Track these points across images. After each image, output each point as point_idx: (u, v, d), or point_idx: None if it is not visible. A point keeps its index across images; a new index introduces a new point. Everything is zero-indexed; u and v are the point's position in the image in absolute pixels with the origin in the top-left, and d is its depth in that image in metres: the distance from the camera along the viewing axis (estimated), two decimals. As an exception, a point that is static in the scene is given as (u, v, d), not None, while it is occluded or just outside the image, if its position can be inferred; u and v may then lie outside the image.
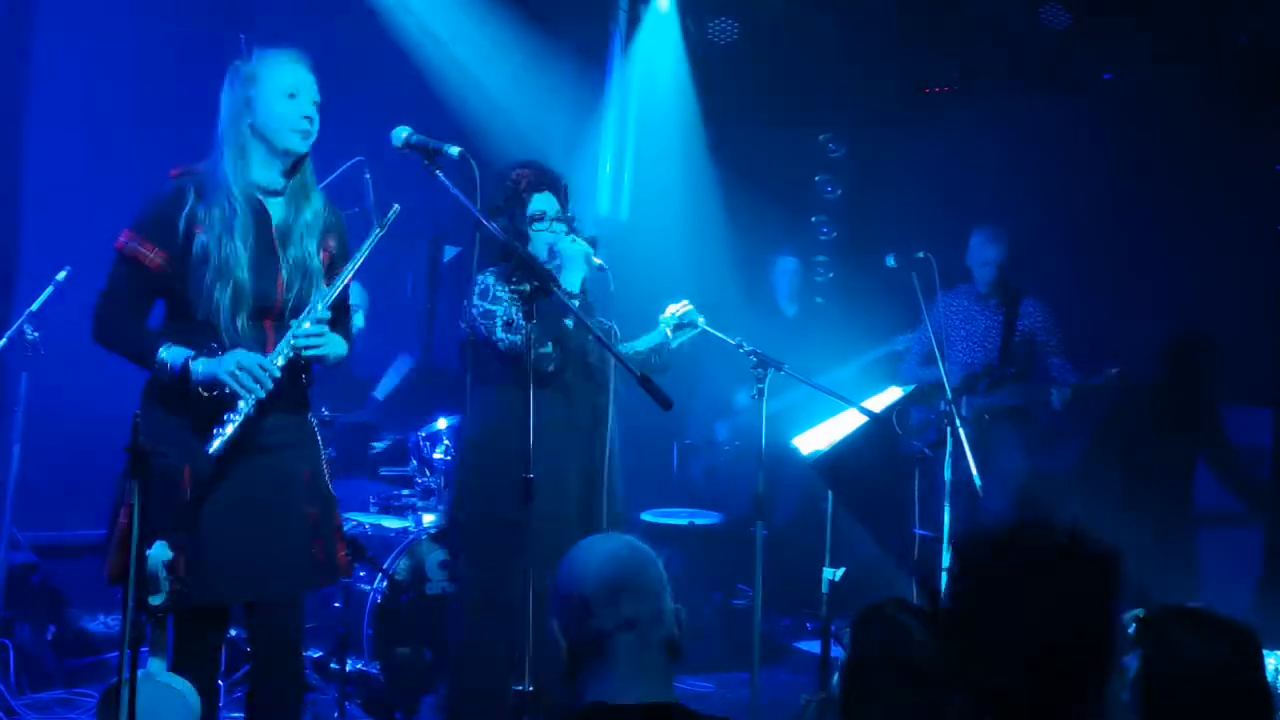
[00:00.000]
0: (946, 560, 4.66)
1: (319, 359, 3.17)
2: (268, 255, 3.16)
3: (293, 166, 3.23)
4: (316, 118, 3.20)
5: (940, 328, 5.63)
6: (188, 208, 3.13)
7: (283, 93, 3.16)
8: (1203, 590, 5.29)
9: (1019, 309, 5.74)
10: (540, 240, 3.94)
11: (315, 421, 3.38)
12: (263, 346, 3.13)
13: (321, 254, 3.25)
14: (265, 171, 3.20)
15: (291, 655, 3.34)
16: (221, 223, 3.12)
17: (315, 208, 3.26)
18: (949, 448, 4.76)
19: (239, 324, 3.10)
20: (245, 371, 2.99)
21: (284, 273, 3.17)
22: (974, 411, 5.60)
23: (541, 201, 3.98)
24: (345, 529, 3.67)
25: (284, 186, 3.23)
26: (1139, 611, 2.38)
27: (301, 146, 3.19)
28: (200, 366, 3.02)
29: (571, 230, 3.99)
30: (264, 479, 3.17)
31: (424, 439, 5.18)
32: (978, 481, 4.82)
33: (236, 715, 3.59)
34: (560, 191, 4.07)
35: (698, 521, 5.86)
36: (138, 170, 2.89)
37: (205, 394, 3.01)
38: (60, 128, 5.04)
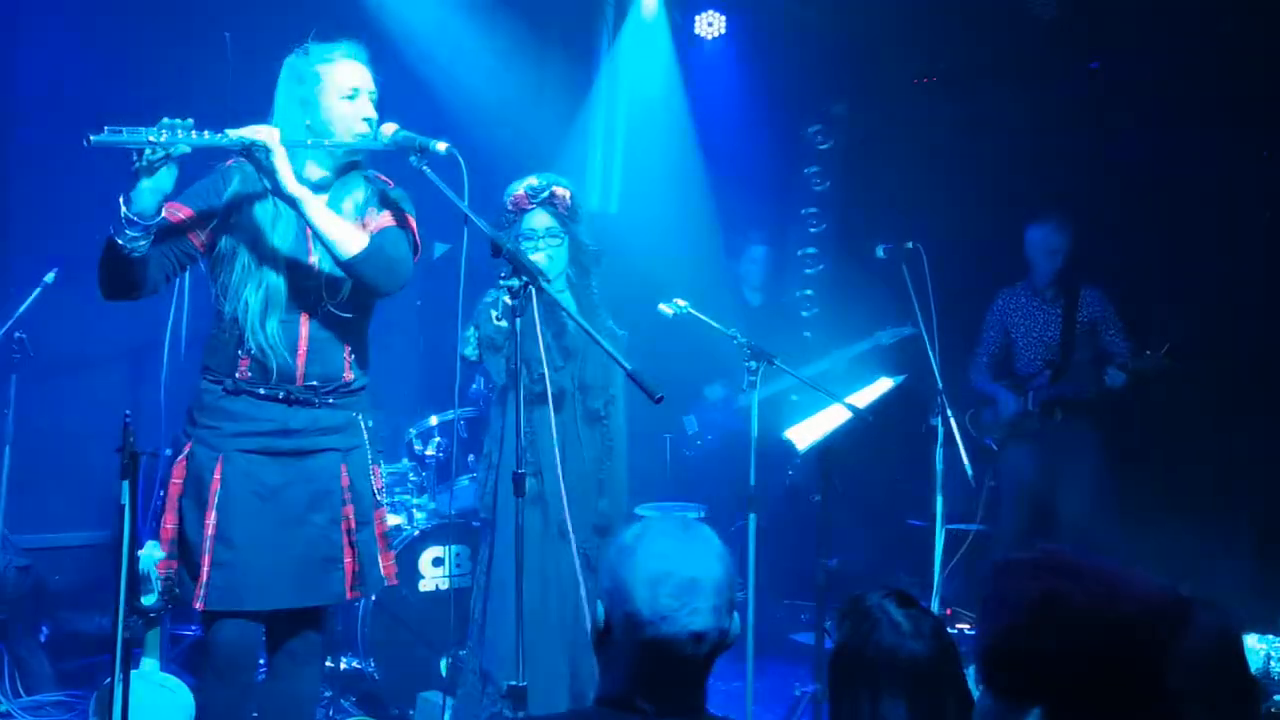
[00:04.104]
0: (939, 548, 4.70)
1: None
2: (306, 253, 3.12)
3: (347, 163, 3.19)
4: (376, 115, 3.15)
5: (1004, 324, 5.69)
6: (229, 195, 3.09)
7: (340, 94, 3.11)
8: (1193, 577, 5.31)
9: (1079, 299, 5.61)
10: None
11: (366, 423, 3.27)
12: (294, 348, 3.08)
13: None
14: (317, 169, 3.15)
15: (310, 666, 3.27)
16: (261, 220, 3.08)
17: (358, 200, 3.17)
18: (940, 438, 4.77)
19: (269, 326, 3.05)
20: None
21: (324, 270, 3.11)
22: (1041, 406, 5.55)
23: (531, 220, 4.17)
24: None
25: (332, 181, 3.17)
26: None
27: (362, 148, 3.14)
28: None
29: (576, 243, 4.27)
30: (298, 482, 3.09)
31: (417, 435, 5.18)
32: (969, 470, 4.83)
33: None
34: (557, 204, 4.20)
35: (688, 515, 5.85)
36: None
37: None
38: (48, 128, 5.03)
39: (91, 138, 2.72)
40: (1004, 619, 1.57)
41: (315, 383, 3.11)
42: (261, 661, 3.27)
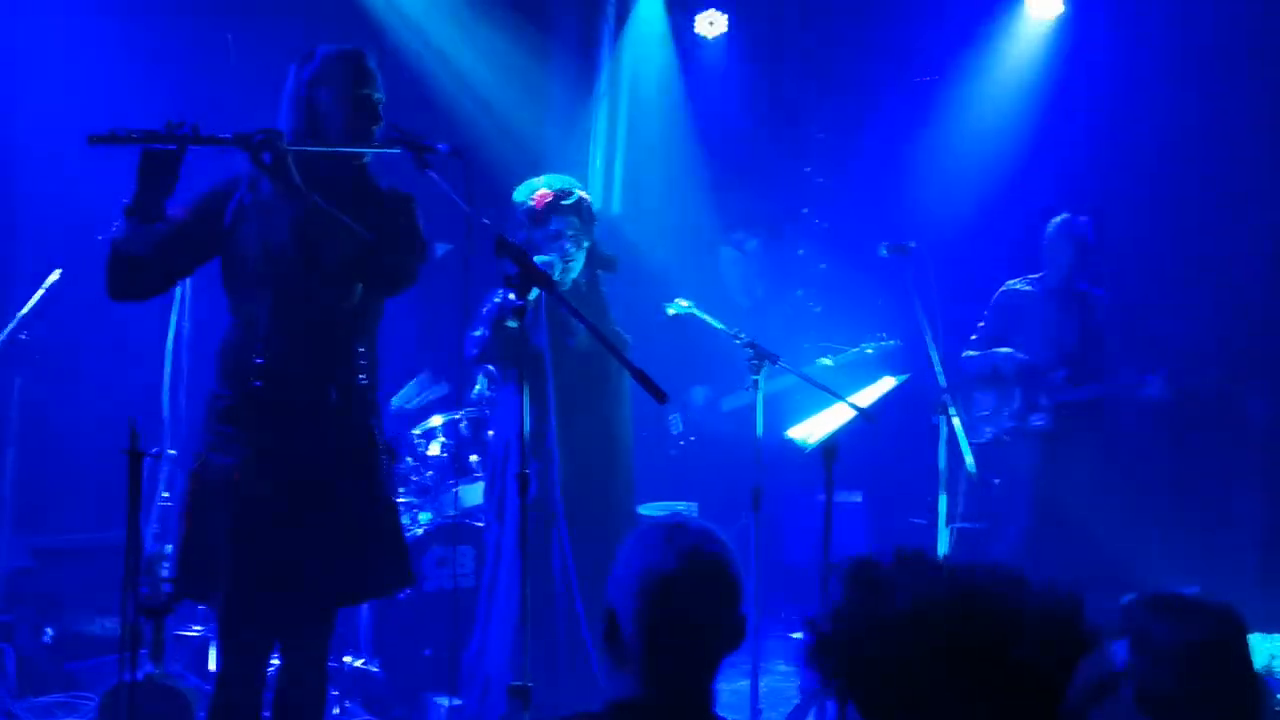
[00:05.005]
0: (944, 547, 4.70)
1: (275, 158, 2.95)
2: (315, 255, 3.07)
3: (354, 166, 3.18)
4: (382, 120, 3.15)
5: (1005, 317, 5.67)
6: (236, 199, 3.09)
7: (347, 95, 3.10)
8: (1201, 576, 5.32)
9: (1091, 301, 5.54)
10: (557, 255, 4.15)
11: (379, 424, 3.26)
12: (306, 349, 3.08)
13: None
14: (323, 171, 3.13)
15: (320, 667, 3.26)
16: (269, 223, 3.07)
17: (364, 201, 3.16)
18: (944, 435, 4.77)
19: (280, 328, 3.05)
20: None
21: (333, 271, 3.07)
22: (1056, 406, 5.53)
23: (561, 222, 4.16)
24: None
25: (338, 183, 3.15)
26: (1127, 597, 2.40)
27: (364, 151, 3.14)
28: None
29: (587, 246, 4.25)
30: (314, 485, 3.08)
31: (419, 436, 5.18)
32: (971, 466, 4.83)
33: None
34: (578, 211, 4.20)
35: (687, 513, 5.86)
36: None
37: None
38: (53, 129, 5.03)
39: (94, 137, 2.72)
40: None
41: (328, 384, 3.11)
42: (273, 662, 3.27)
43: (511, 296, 3.22)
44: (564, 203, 4.17)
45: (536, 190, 4.19)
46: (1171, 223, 6.06)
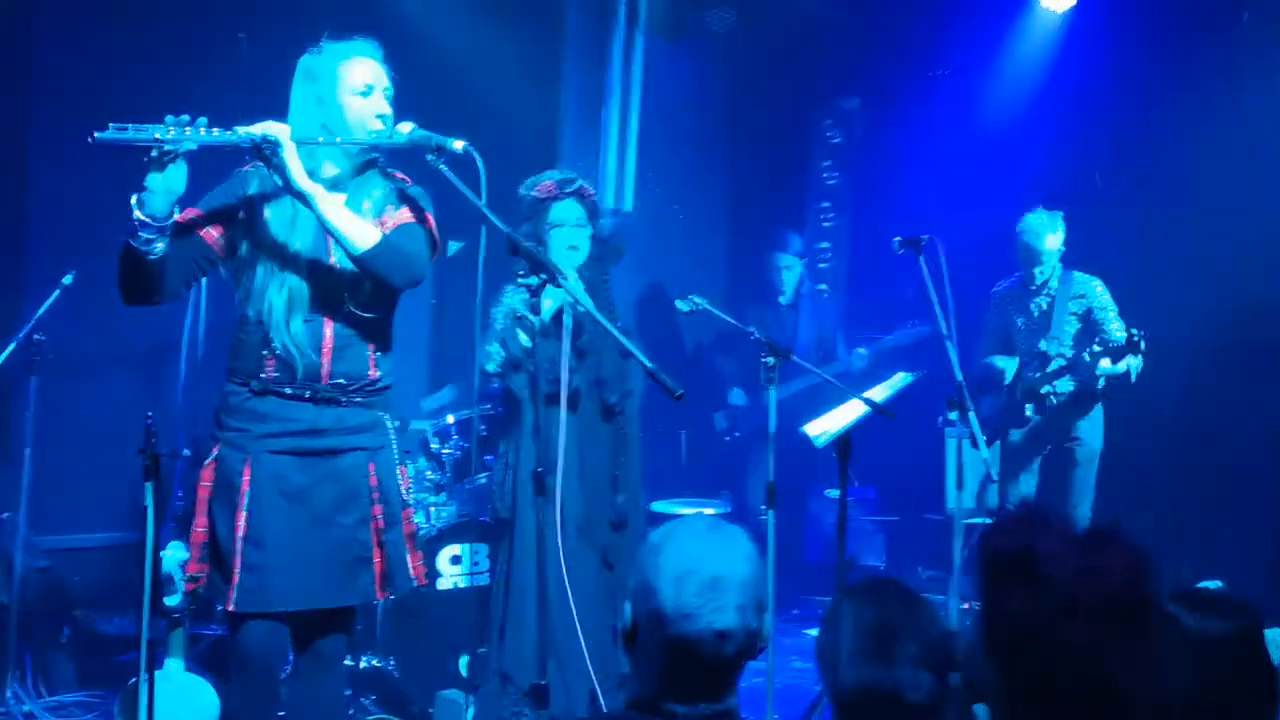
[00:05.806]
0: (959, 542, 4.69)
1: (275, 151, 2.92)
2: (327, 253, 3.10)
3: (364, 162, 3.17)
4: (391, 112, 3.14)
5: (1002, 315, 5.70)
6: (246, 198, 3.08)
7: (354, 91, 3.09)
8: (1211, 571, 5.29)
9: (1072, 288, 5.64)
10: (558, 243, 4.15)
11: (392, 422, 3.26)
12: (319, 347, 3.08)
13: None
14: (333, 167, 3.13)
15: (336, 666, 3.27)
16: (280, 221, 3.07)
17: (376, 198, 3.15)
18: (958, 430, 4.75)
19: (293, 326, 3.04)
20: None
21: (345, 269, 3.08)
22: (1026, 395, 5.61)
23: (562, 210, 4.18)
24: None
25: (349, 179, 3.15)
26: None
27: (376, 145, 3.12)
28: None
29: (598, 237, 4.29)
30: (327, 482, 3.08)
31: (432, 434, 5.19)
32: (985, 454, 4.82)
33: None
34: (580, 199, 4.23)
35: (708, 511, 5.85)
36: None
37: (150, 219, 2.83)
38: (66, 130, 5.03)
39: (96, 135, 2.71)
40: (990, 582, 1.54)
41: (341, 381, 3.11)
42: (289, 660, 3.27)
43: (521, 299, 3.23)
44: (566, 190, 4.21)
45: (540, 182, 4.23)
46: (1180, 216, 6.03)
